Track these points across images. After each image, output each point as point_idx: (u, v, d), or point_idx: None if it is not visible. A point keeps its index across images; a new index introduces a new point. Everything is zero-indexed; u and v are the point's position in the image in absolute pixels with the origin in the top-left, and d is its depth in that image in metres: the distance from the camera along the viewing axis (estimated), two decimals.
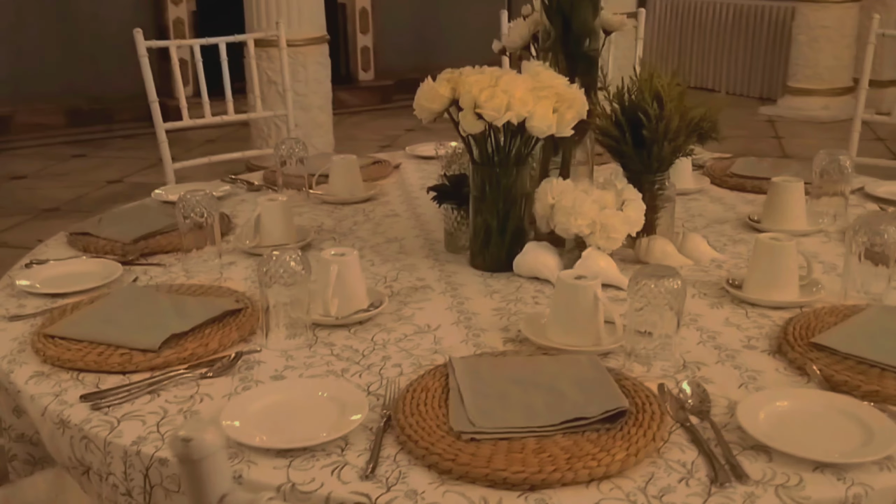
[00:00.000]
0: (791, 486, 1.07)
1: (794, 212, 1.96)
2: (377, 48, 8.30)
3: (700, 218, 2.08)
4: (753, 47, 7.96)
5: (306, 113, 5.20)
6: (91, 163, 5.95)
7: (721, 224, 2.03)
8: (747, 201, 2.20)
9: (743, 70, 8.07)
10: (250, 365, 1.39)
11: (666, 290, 1.33)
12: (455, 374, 1.28)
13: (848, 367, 1.32)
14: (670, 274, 1.35)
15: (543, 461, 1.09)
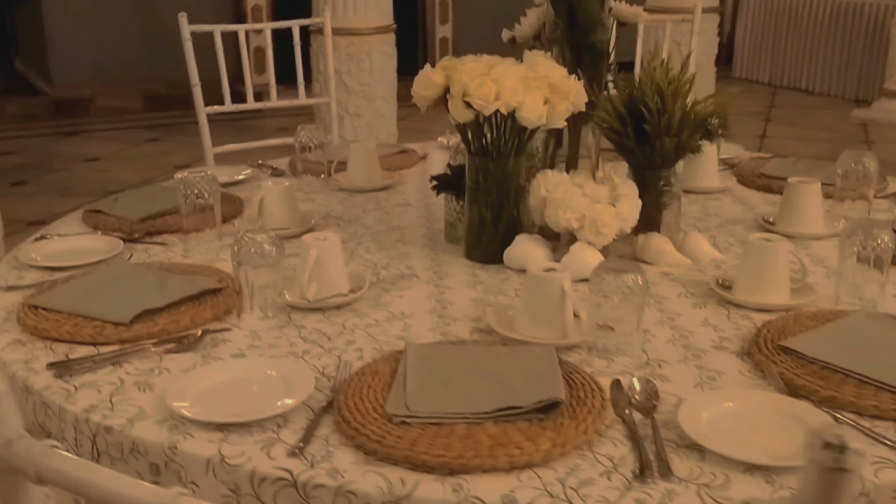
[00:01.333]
0: (715, 486, 1.05)
1: (809, 214, 1.90)
2: (456, 39, 8.25)
3: (715, 217, 2.04)
4: (849, 47, 7.65)
5: (370, 103, 5.22)
6: (162, 147, 6.11)
7: (734, 224, 1.98)
8: (771, 203, 2.14)
9: (838, 70, 7.76)
10: (216, 343, 1.41)
11: (626, 286, 1.31)
12: (406, 360, 1.28)
13: (811, 371, 1.28)
14: (631, 269, 1.32)
15: (467, 447, 1.09)
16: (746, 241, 1.56)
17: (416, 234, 1.92)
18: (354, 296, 1.56)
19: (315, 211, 2.07)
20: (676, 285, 1.64)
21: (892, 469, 1.08)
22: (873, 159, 1.95)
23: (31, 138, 6.94)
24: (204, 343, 1.40)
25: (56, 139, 6.96)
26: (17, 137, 6.94)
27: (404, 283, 1.66)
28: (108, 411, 1.22)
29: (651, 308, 1.54)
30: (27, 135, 7.03)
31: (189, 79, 2.94)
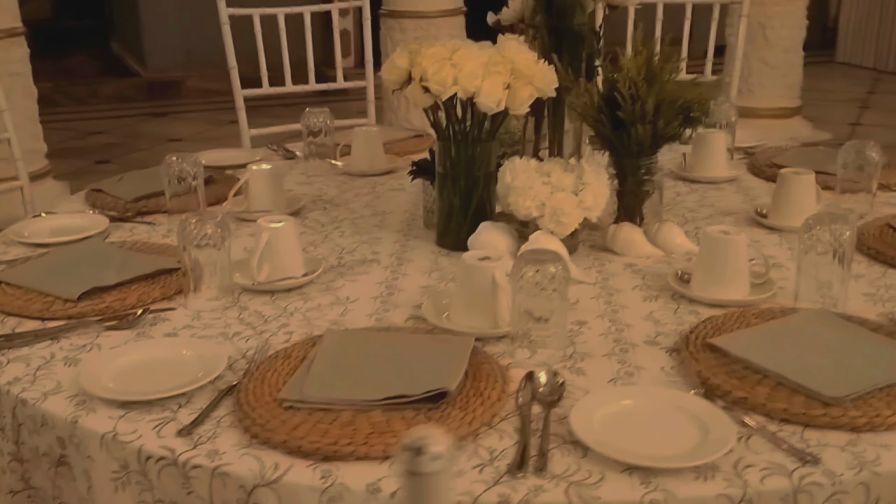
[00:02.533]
0: (586, 485, 1.02)
1: (802, 207, 1.82)
2: None
3: (708, 209, 1.97)
4: None
5: None
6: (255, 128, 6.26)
7: (726, 216, 1.92)
8: None
9: None
10: (156, 322, 1.44)
11: (547, 277, 1.28)
12: (320, 345, 1.29)
13: (731, 371, 1.23)
14: (552, 259, 1.29)
15: (344, 434, 1.08)
16: (703, 234, 1.51)
17: (397, 220, 1.92)
18: (305, 279, 1.57)
19: (309, 194, 2.09)
20: (637, 277, 1.60)
21: (780, 476, 1.03)
22: (876, 150, 1.86)
23: (122, 118, 7.19)
24: (143, 322, 1.43)
25: (145, 120, 7.19)
26: (110, 118, 7.20)
27: (363, 268, 1.66)
28: (29, 384, 1.26)
29: (599, 300, 1.51)
30: (119, 115, 7.29)
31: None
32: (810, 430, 1.12)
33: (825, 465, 1.05)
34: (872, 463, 1.06)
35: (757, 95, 5.54)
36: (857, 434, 1.11)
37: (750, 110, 5.54)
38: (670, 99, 1.68)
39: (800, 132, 5.69)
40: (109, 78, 7.96)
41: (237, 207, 1.95)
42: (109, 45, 8.50)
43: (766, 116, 5.53)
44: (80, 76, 7.99)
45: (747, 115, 5.48)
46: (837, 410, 1.13)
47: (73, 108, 7.52)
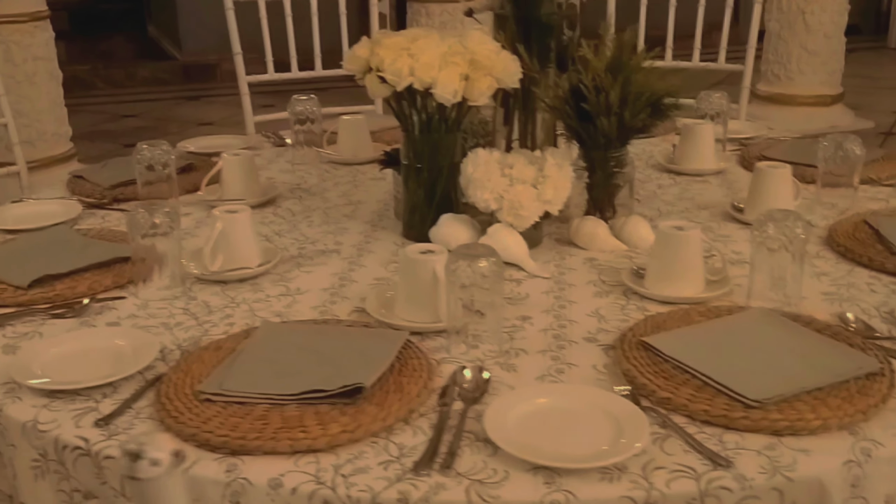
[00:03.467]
0: (489, 484, 1.01)
1: (777, 201, 1.77)
2: None
3: (687, 202, 1.94)
4: None
5: None
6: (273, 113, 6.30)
7: (702, 210, 1.88)
8: None
9: None
10: (101, 311, 1.45)
11: (478, 271, 1.27)
12: (252, 337, 1.29)
13: (660, 370, 1.21)
14: (485, 254, 1.28)
15: (254, 428, 1.08)
16: (657, 230, 1.48)
17: (369, 210, 1.91)
18: (259, 269, 1.57)
19: (289, 182, 2.10)
20: (594, 272, 1.57)
21: (688, 479, 1.01)
22: (858, 144, 1.81)
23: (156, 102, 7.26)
24: (90, 311, 1.44)
25: (179, 103, 7.26)
26: (145, 101, 7.28)
27: (322, 259, 1.65)
28: None
29: (550, 294, 1.49)
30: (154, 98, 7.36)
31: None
32: (730, 432, 1.10)
33: (737, 469, 1.03)
34: (787, 468, 1.03)
35: (796, 82, 5.40)
36: (777, 438, 1.08)
37: (789, 98, 5.44)
38: (636, 91, 1.65)
39: (841, 120, 5.56)
40: (146, 61, 8.04)
41: (211, 196, 1.96)
42: (146, 28, 8.57)
43: (806, 104, 5.40)
44: (117, 59, 8.08)
45: (787, 103, 5.40)
46: (758, 413, 1.10)
47: (109, 91, 7.62)
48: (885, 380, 1.17)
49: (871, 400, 1.13)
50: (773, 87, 5.47)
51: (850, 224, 1.71)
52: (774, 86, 5.47)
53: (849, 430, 1.10)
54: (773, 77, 5.45)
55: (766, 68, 5.51)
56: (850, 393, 1.14)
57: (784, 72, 5.45)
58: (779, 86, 5.46)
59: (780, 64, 5.46)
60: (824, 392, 1.15)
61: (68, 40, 7.71)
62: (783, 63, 5.45)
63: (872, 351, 1.23)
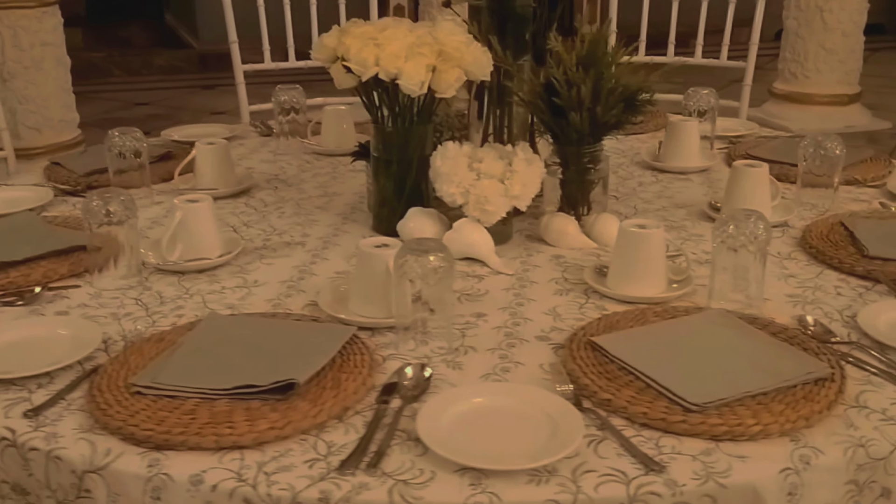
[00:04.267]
0: (413, 485, 0.99)
1: (754, 200, 1.73)
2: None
3: (666, 200, 1.90)
4: None
5: None
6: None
7: (679, 209, 1.85)
8: None
9: None
10: (53, 300, 1.44)
11: (426, 267, 1.25)
12: (195, 330, 1.27)
13: (604, 371, 1.18)
14: (434, 249, 1.25)
15: (181, 423, 1.07)
16: (619, 228, 1.45)
17: (343, 203, 1.89)
18: (218, 260, 1.55)
19: (267, 172, 2.08)
20: (558, 270, 1.54)
21: (618, 484, 0.99)
22: (839, 143, 1.76)
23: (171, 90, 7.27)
24: (42, 299, 1.43)
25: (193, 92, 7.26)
26: (160, 89, 7.29)
27: (285, 251, 1.64)
28: None
29: (510, 292, 1.46)
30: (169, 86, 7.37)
31: None
32: (668, 436, 1.07)
33: (670, 474, 1.00)
34: (721, 474, 1.00)
35: (813, 81, 5.34)
36: (715, 443, 1.05)
37: (806, 96, 5.37)
38: (609, 86, 1.62)
39: (857, 120, 5.49)
40: (162, 49, 8.05)
41: (185, 185, 1.94)
42: (163, 16, 8.60)
43: (823, 103, 5.34)
44: (134, 47, 8.10)
45: (803, 102, 5.33)
46: (697, 417, 1.07)
47: (125, 79, 7.64)
48: (833, 385, 1.14)
49: (816, 406, 1.09)
50: (789, 86, 5.41)
51: (826, 225, 1.67)
52: (791, 84, 5.40)
53: (790, 437, 1.07)
54: (790, 75, 5.39)
55: (783, 66, 5.44)
56: (796, 398, 1.11)
57: (801, 70, 5.39)
58: (795, 84, 5.39)
59: (798, 62, 5.39)
60: (769, 397, 1.11)
61: (86, 27, 7.76)
62: (800, 61, 5.38)
63: (826, 356, 1.20)
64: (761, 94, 5.67)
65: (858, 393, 1.16)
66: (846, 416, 1.11)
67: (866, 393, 1.16)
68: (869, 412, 1.12)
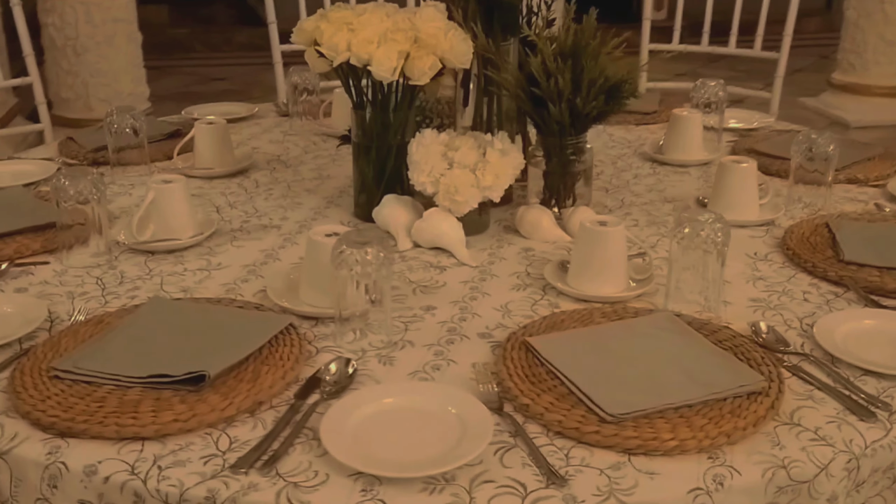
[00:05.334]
0: (304, 487, 0.97)
1: (741, 197, 1.67)
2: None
3: (656, 194, 1.84)
4: None
5: None
6: None
7: (667, 203, 1.78)
8: None
9: None
10: (18, 276, 1.46)
11: (365, 259, 1.22)
12: (134, 313, 1.28)
13: (532, 373, 1.14)
14: (373, 240, 1.23)
15: (87, 410, 1.06)
16: (580, 224, 1.40)
17: (333, 186, 1.88)
18: (186, 242, 1.55)
19: (270, 153, 2.08)
20: (524, 263, 1.51)
21: (513, 496, 0.95)
22: (832, 141, 1.68)
23: (248, 66, 7.35)
24: (8, 274, 1.46)
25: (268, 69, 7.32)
26: (238, 65, 7.39)
27: (258, 234, 1.63)
28: None
29: (467, 285, 1.43)
30: (247, 63, 7.45)
31: None
32: (581, 447, 1.03)
33: (571, 488, 0.96)
34: (625, 491, 0.96)
35: (872, 73, 5.17)
36: (627, 456, 1.01)
37: (864, 87, 5.21)
38: (590, 77, 1.57)
39: None
40: (243, 27, 8.15)
41: (184, 164, 1.95)
42: None
43: (881, 95, 5.16)
44: (217, 24, 8.23)
45: (861, 93, 5.17)
46: (611, 429, 1.03)
47: (206, 55, 7.77)
48: (766, 400, 1.08)
49: (741, 422, 1.04)
50: (847, 77, 5.25)
51: (810, 226, 1.59)
52: (849, 75, 5.24)
53: (708, 454, 1.02)
54: (849, 66, 5.23)
55: (841, 57, 5.29)
56: (722, 413, 1.06)
57: (860, 61, 5.22)
58: (853, 75, 5.23)
59: (856, 53, 5.22)
60: (693, 410, 1.06)
61: (172, 5, 7.94)
62: (859, 52, 5.21)
63: (768, 367, 1.14)
64: (821, 84, 5.51)
65: (795, 409, 1.10)
66: (774, 434, 1.05)
67: (804, 409, 1.10)
68: (801, 431, 1.06)
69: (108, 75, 4.85)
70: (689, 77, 5.95)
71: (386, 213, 1.60)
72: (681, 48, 2.73)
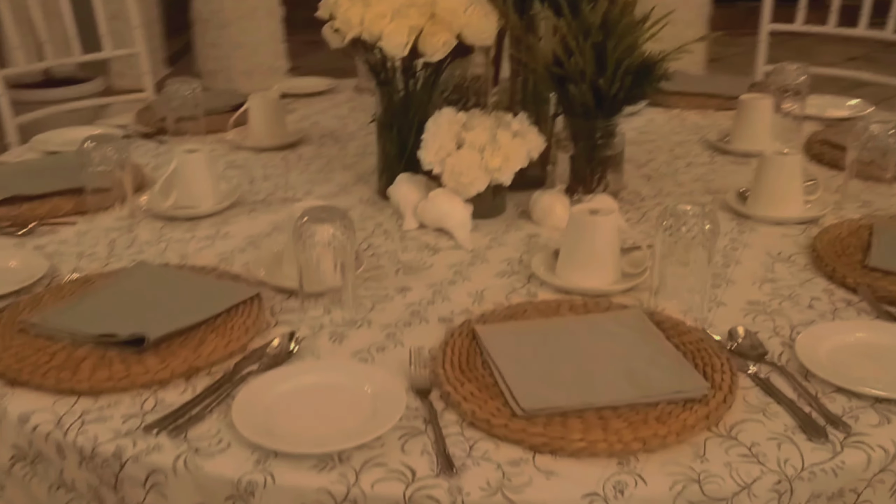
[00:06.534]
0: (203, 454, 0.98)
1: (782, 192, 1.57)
2: None
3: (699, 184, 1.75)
4: None
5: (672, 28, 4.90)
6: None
7: (708, 195, 1.69)
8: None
9: None
10: (43, 234, 1.54)
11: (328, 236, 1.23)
12: (116, 276, 1.33)
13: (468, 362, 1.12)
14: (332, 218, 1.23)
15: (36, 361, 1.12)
16: (570, 214, 1.35)
17: (370, 163, 1.87)
18: (202, 211, 1.60)
19: (327, 128, 2.11)
20: (521, 250, 1.47)
21: (398, 482, 0.94)
22: (892, 132, 1.54)
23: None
24: (37, 232, 1.54)
25: None
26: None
27: (276, 207, 1.66)
28: None
29: (453, 269, 1.41)
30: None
31: None
32: (490, 440, 1.00)
33: (461, 480, 0.94)
34: (514, 489, 0.93)
35: None
36: (533, 453, 0.97)
37: None
38: (617, 57, 1.51)
39: None
40: None
41: (238, 136, 2.01)
42: None
43: None
44: None
45: None
46: (519, 424, 0.99)
47: None
48: (702, 409, 1.01)
49: (662, 429, 0.98)
50: None
51: (852, 227, 1.47)
52: None
53: (620, 459, 0.96)
54: None
55: None
56: (646, 418, 1.00)
57: None
58: None
59: None
60: (617, 412, 1.01)
61: None
62: None
63: (723, 374, 1.07)
64: None
65: (739, 421, 1.02)
66: (702, 446, 0.98)
67: (749, 423, 1.02)
68: (733, 445, 0.99)
69: (249, 48, 5.01)
70: (863, 62, 5.59)
71: (398, 191, 1.60)
72: (802, 28, 2.58)
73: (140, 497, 0.99)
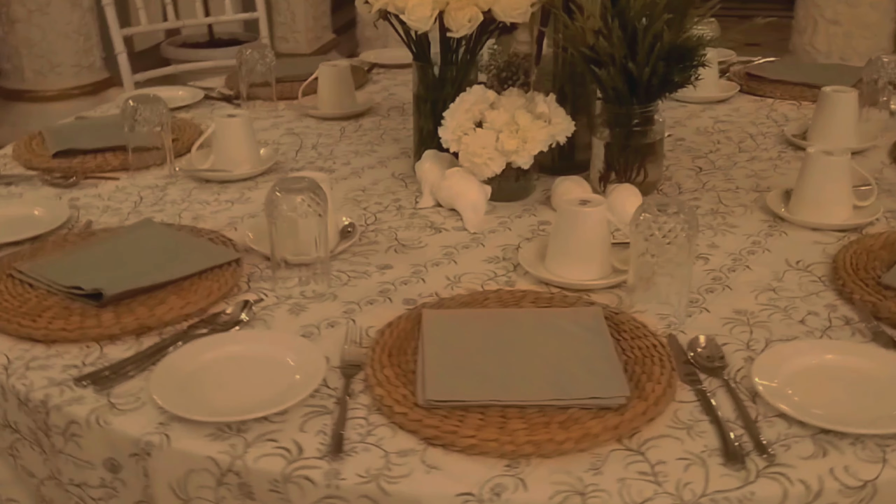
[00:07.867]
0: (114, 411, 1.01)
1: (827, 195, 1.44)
2: None
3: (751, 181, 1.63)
4: None
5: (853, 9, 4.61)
6: None
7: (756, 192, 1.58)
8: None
9: None
10: (85, 187, 1.63)
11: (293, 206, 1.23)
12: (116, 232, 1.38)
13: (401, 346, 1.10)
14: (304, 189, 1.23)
15: (8, 308, 1.18)
16: (559, 209, 1.30)
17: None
18: (232, 175, 1.64)
19: (397, 100, 2.10)
20: (523, 236, 1.42)
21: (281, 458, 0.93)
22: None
23: None
24: (82, 185, 1.63)
25: None
26: None
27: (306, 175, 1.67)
28: None
29: (445, 250, 1.39)
30: None
31: None
32: (389, 427, 0.98)
33: (342, 464, 0.93)
34: (392, 479, 0.91)
35: None
36: (425, 445, 0.95)
37: None
38: (650, 41, 1.43)
39: None
40: None
41: (308, 104, 2.04)
42: None
43: None
44: None
45: None
46: (418, 413, 0.97)
47: None
48: (612, 419, 0.96)
49: (561, 435, 0.93)
50: None
51: (888, 239, 1.34)
52: None
53: (509, 461, 0.92)
54: None
55: None
56: (550, 421, 0.95)
57: None
58: None
59: None
60: (522, 412, 0.97)
61: None
62: None
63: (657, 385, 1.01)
64: None
65: (656, 437, 0.96)
66: (603, 458, 0.93)
67: (666, 440, 0.96)
68: (637, 461, 0.93)
69: (288, 14, 5.12)
70: None
71: (422, 167, 1.58)
72: None
73: (62, 445, 1.03)
